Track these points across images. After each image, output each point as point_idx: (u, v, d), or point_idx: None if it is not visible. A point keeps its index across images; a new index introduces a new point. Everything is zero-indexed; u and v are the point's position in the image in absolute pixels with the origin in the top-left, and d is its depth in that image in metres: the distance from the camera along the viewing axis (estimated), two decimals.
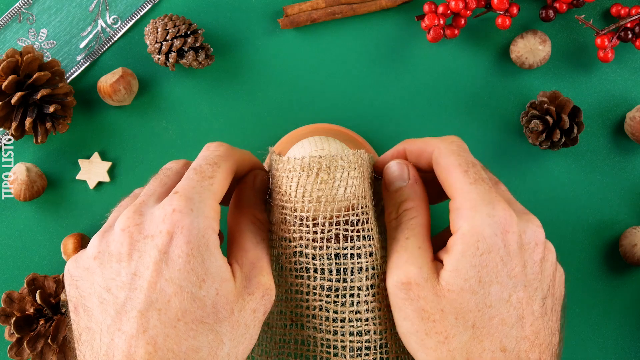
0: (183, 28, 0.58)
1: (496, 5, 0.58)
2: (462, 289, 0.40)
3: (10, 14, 0.61)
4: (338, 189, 0.47)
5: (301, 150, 0.51)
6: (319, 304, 0.52)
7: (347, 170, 0.47)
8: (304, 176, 0.47)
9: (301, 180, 0.47)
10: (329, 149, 0.51)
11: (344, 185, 0.47)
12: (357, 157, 0.48)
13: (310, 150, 0.51)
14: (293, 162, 0.47)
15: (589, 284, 0.61)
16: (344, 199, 0.48)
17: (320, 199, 0.47)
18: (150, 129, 0.61)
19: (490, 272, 0.40)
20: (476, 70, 0.61)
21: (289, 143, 0.58)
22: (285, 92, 0.61)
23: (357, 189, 0.48)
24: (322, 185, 0.47)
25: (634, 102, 0.61)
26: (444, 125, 0.61)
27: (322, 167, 0.47)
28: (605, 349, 0.61)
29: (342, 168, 0.47)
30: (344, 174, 0.47)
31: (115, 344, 0.38)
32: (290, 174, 0.47)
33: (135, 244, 0.40)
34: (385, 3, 0.60)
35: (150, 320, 0.39)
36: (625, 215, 0.61)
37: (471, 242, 0.40)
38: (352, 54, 0.61)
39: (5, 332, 0.57)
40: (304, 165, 0.47)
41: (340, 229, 0.49)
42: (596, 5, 0.61)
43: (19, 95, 0.56)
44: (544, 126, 0.58)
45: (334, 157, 0.47)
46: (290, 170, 0.47)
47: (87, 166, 0.61)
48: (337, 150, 0.51)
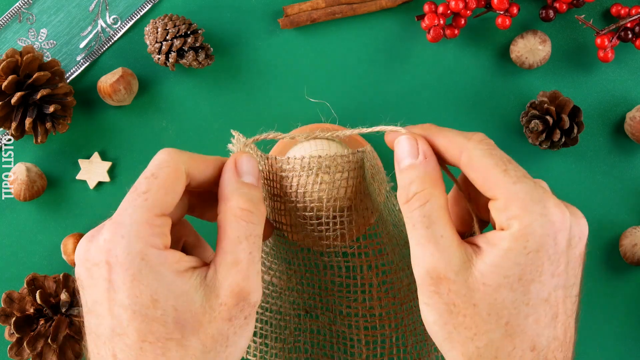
0: (183, 28, 0.58)
1: (496, 5, 0.58)
2: (500, 285, 0.39)
3: (10, 14, 0.61)
4: (339, 190, 0.47)
5: (301, 151, 0.51)
6: (332, 299, 0.52)
7: (347, 170, 0.48)
8: (304, 176, 0.47)
9: (301, 180, 0.47)
10: (329, 149, 0.51)
11: (345, 186, 0.48)
12: (357, 157, 0.48)
13: (310, 151, 0.51)
14: (293, 162, 0.47)
15: (589, 284, 0.61)
16: (345, 198, 0.48)
17: (322, 199, 0.47)
18: (150, 129, 0.61)
19: (533, 271, 0.39)
20: (476, 70, 0.61)
21: (289, 143, 0.58)
22: (285, 92, 0.61)
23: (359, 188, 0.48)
24: (323, 186, 0.47)
25: (634, 102, 0.61)
26: (444, 125, 0.61)
27: (322, 167, 0.47)
28: (605, 349, 0.61)
29: (343, 168, 0.47)
30: (344, 174, 0.47)
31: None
32: (290, 174, 0.47)
33: (89, 271, 0.40)
34: (385, 3, 0.60)
35: (116, 346, 0.39)
36: (625, 215, 0.61)
37: (520, 241, 0.39)
38: (352, 54, 0.61)
39: (5, 332, 0.57)
40: (304, 165, 0.47)
41: (345, 229, 0.49)
42: (596, 5, 0.61)
43: (19, 95, 0.56)
44: (544, 126, 0.58)
45: (334, 158, 0.47)
46: (290, 170, 0.47)
47: (87, 166, 0.61)
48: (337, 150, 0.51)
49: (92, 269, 0.40)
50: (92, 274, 0.40)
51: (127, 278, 0.38)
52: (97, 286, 0.39)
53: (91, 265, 0.40)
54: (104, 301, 0.39)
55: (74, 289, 0.57)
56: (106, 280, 0.39)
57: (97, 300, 0.39)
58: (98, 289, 0.39)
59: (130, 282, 0.39)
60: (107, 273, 0.39)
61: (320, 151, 0.51)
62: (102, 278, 0.39)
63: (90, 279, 0.40)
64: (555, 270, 0.39)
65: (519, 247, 0.39)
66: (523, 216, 0.39)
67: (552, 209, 0.39)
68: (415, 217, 0.41)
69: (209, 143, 0.61)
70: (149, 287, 0.39)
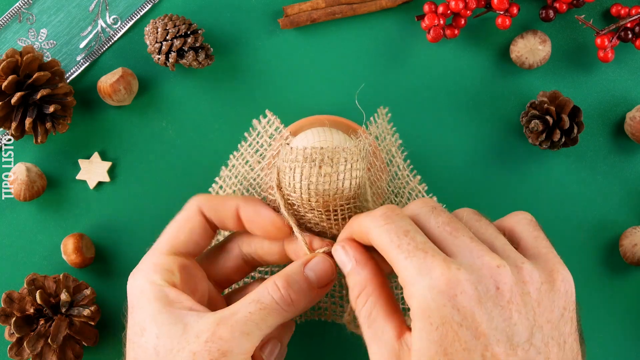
0: (183, 28, 0.58)
1: (496, 5, 0.58)
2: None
3: (10, 14, 0.61)
4: (344, 182, 0.48)
5: (304, 141, 0.52)
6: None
7: (350, 162, 0.48)
8: (307, 167, 0.47)
9: (304, 171, 0.48)
10: (332, 139, 0.51)
11: (349, 178, 0.48)
12: (359, 149, 0.48)
13: (313, 141, 0.51)
14: (296, 152, 0.48)
15: (589, 284, 0.61)
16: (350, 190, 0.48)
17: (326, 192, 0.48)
18: (150, 129, 0.61)
19: (453, 341, 0.38)
20: (476, 70, 0.61)
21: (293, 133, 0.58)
22: (285, 92, 0.61)
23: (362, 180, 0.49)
24: (327, 178, 0.47)
25: (634, 102, 0.61)
26: (444, 125, 0.61)
27: (324, 158, 0.47)
28: (605, 349, 0.61)
29: (345, 160, 0.48)
30: (347, 166, 0.48)
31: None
32: (293, 164, 0.48)
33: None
34: (385, 3, 0.60)
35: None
36: (625, 215, 0.61)
37: (423, 319, 0.38)
38: (352, 54, 0.61)
39: (5, 332, 0.57)
40: (307, 155, 0.47)
41: (352, 215, 0.50)
42: (596, 5, 0.61)
43: (19, 95, 0.56)
44: (544, 126, 0.58)
45: (337, 149, 0.47)
46: (293, 160, 0.48)
47: (87, 166, 0.61)
48: (340, 141, 0.52)
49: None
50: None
51: (128, 308, 0.46)
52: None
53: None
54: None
55: (73, 289, 0.57)
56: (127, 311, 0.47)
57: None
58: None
59: (130, 313, 0.45)
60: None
61: (323, 142, 0.51)
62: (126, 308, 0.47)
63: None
64: (476, 331, 0.38)
65: (427, 326, 0.38)
66: (415, 293, 0.39)
67: (437, 278, 0.38)
68: (361, 318, 0.43)
69: (209, 143, 0.61)
70: (139, 317, 0.44)
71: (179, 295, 0.45)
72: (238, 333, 0.42)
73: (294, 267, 0.46)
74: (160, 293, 0.44)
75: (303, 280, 0.46)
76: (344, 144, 0.49)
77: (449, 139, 0.61)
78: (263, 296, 0.44)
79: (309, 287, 0.46)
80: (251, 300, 0.44)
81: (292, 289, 0.45)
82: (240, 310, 0.43)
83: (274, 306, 0.44)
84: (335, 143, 0.50)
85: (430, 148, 0.61)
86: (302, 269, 0.46)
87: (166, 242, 0.48)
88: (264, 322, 0.44)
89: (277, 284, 0.45)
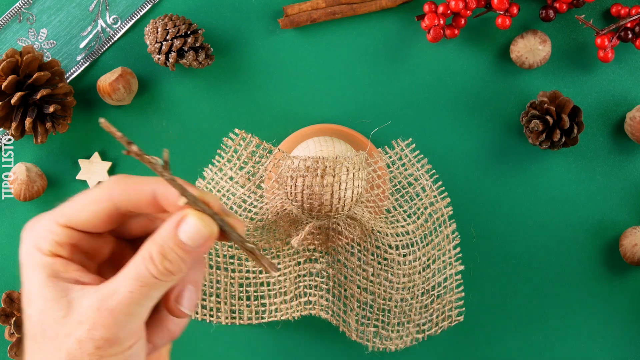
0: (183, 28, 0.58)
1: (496, 5, 0.58)
2: None
3: (10, 14, 0.61)
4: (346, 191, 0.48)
5: (306, 150, 0.52)
6: (333, 245, 0.55)
7: (351, 171, 0.48)
8: (309, 177, 0.48)
9: (306, 180, 0.48)
10: (334, 149, 0.52)
11: (351, 187, 0.48)
12: (360, 159, 0.48)
13: (314, 151, 0.51)
14: (297, 162, 0.48)
15: (589, 284, 0.61)
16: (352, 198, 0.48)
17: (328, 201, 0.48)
18: (150, 129, 0.61)
19: None
20: (476, 70, 0.61)
21: (294, 142, 0.58)
22: (285, 92, 0.61)
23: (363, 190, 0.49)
24: (328, 189, 0.48)
25: (634, 102, 0.61)
26: (444, 125, 0.61)
27: (326, 167, 0.47)
28: (605, 349, 0.61)
29: (347, 170, 0.48)
30: (349, 176, 0.48)
31: None
32: (295, 174, 0.48)
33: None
34: (385, 3, 0.60)
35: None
36: (625, 215, 0.61)
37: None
38: (352, 54, 0.61)
39: (5, 332, 0.57)
40: (308, 165, 0.47)
41: (351, 228, 0.50)
42: (596, 5, 0.61)
43: (19, 95, 0.56)
44: (544, 126, 0.58)
45: (338, 159, 0.47)
46: (295, 170, 0.48)
47: (87, 166, 0.61)
48: (342, 151, 0.52)
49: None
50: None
51: (20, 269, 0.42)
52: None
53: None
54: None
55: None
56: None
57: None
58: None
59: (22, 277, 0.42)
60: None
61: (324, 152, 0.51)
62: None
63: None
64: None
65: None
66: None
67: None
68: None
69: (209, 143, 0.61)
70: (27, 285, 0.41)
71: (66, 265, 0.42)
72: (122, 316, 0.40)
73: (167, 232, 0.42)
74: (46, 261, 0.41)
75: (178, 247, 0.41)
76: (345, 154, 0.49)
77: (449, 139, 0.61)
78: (141, 271, 0.41)
79: (186, 252, 0.41)
80: (129, 276, 0.41)
81: (168, 259, 0.41)
82: (121, 289, 0.41)
83: (153, 281, 0.41)
84: (336, 152, 0.51)
85: (430, 148, 0.61)
86: (175, 232, 0.41)
87: (64, 214, 0.43)
88: (147, 298, 0.41)
89: (152, 256, 0.41)
